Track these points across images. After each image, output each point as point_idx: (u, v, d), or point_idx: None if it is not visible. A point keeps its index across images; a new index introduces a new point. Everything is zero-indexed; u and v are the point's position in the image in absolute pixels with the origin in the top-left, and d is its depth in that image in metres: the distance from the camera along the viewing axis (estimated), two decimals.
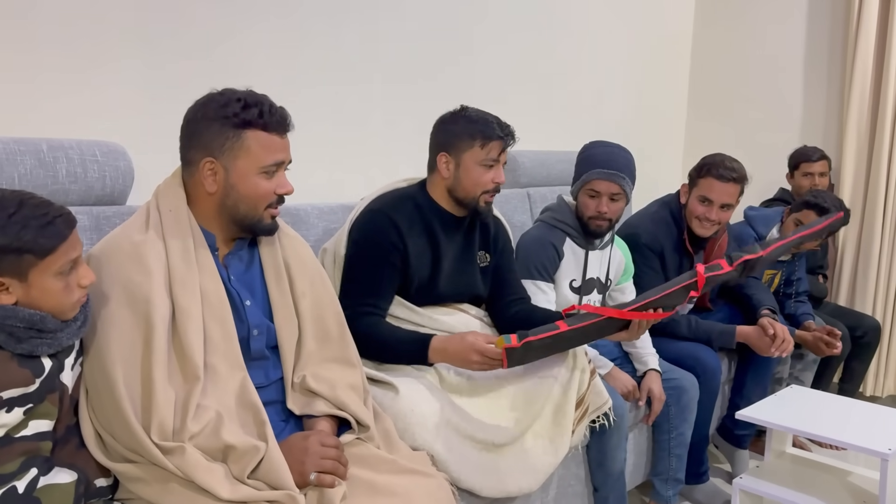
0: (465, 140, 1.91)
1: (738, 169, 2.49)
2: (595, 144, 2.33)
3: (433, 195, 1.99)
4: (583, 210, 2.27)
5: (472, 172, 1.92)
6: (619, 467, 2.14)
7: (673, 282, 1.79)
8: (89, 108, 1.92)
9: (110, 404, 1.29)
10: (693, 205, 2.54)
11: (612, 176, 2.20)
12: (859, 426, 2.12)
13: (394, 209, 1.92)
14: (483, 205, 1.96)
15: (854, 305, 3.54)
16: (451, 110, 1.98)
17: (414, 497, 1.37)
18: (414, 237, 1.91)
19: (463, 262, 2.03)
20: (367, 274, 1.87)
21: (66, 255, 1.20)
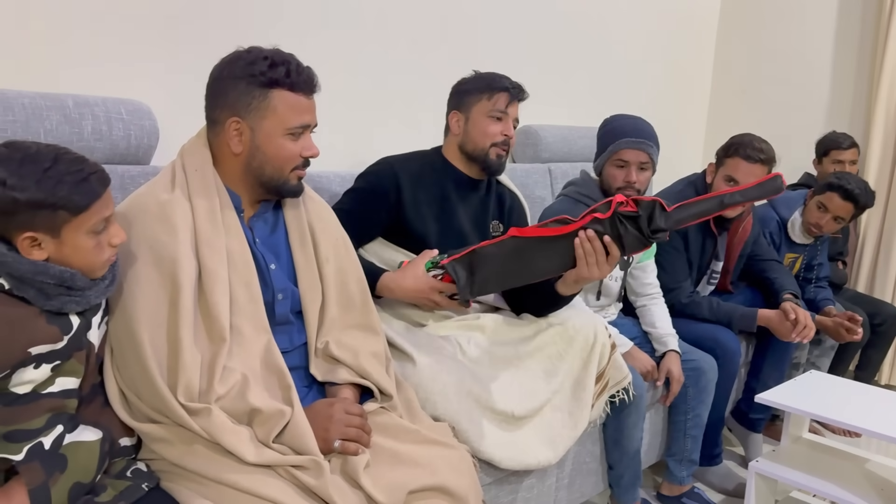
0: (473, 95, 1.96)
1: (766, 150, 2.44)
2: (619, 117, 2.31)
3: (447, 156, 2.02)
4: (610, 181, 2.24)
5: (480, 123, 1.94)
6: (635, 446, 2.13)
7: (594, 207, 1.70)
8: (114, 66, 1.90)
9: (136, 364, 1.28)
10: (719, 186, 2.49)
11: (641, 144, 2.18)
12: (880, 414, 2.10)
13: (400, 162, 1.97)
14: (493, 158, 1.96)
15: (874, 293, 3.51)
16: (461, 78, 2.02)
17: (437, 468, 1.36)
18: (418, 191, 1.93)
19: (475, 225, 2.03)
20: (350, 210, 1.88)
21: (100, 213, 1.18)
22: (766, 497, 2.28)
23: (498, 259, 1.71)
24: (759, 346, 2.68)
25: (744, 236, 2.67)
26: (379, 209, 1.92)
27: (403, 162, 1.97)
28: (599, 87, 3.45)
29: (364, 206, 1.92)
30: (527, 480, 1.88)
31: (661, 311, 2.40)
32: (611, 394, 2.00)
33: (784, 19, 3.87)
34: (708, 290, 2.72)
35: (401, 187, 1.91)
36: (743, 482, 2.49)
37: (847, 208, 2.75)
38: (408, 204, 1.91)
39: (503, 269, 1.71)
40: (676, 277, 2.52)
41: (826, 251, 3.01)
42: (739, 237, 2.66)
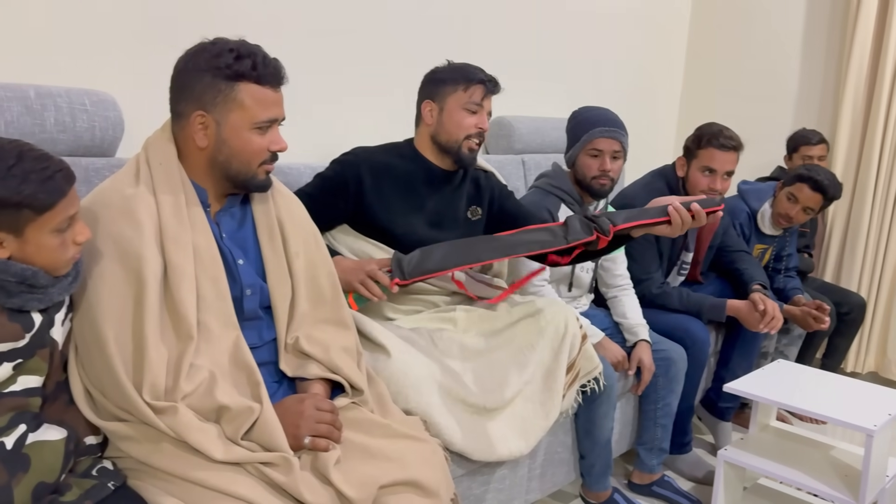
0: (448, 85, 1.94)
1: (735, 137, 2.50)
2: (588, 108, 2.34)
3: (419, 147, 2.01)
4: (585, 171, 2.27)
5: (455, 115, 1.93)
6: (606, 436, 2.15)
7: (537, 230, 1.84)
8: (77, 56, 1.86)
9: (101, 362, 1.26)
10: (696, 177, 2.52)
11: (614, 133, 2.22)
12: (845, 402, 2.14)
13: (368, 153, 1.96)
14: (466, 151, 1.96)
15: (840, 282, 3.57)
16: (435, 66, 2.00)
17: (408, 462, 1.36)
18: (383, 182, 1.92)
19: (446, 216, 2.02)
20: (311, 197, 1.86)
21: (65, 212, 1.16)
22: (735, 484, 2.31)
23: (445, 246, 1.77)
24: (729, 336, 2.72)
25: (713, 227, 2.70)
26: (337, 199, 1.91)
27: (371, 153, 1.96)
28: (572, 78, 3.45)
29: (324, 193, 1.92)
30: (499, 471, 1.89)
31: (632, 301, 2.43)
32: (581, 384, 2.01)
33: (754, 14, 3.90)
34: (678, 280, 2.74)
35: (362, 178, 1.91)
36: (712, 470, 2.53)
37: (816, 199, 2.78)
38: (370, 194, 1.91)
39: (446, 253, 1.77)
40: (647, 268, 2.54)
41: (795, 242, 3.05)
42: (709, 228, 2.68)
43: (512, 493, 1.95)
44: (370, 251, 1.93)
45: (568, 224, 1.81)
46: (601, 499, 2.25)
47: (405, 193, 1.95)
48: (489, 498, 1.87)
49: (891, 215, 3.48)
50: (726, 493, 2.27)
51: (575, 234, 1.80)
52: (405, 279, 1.75)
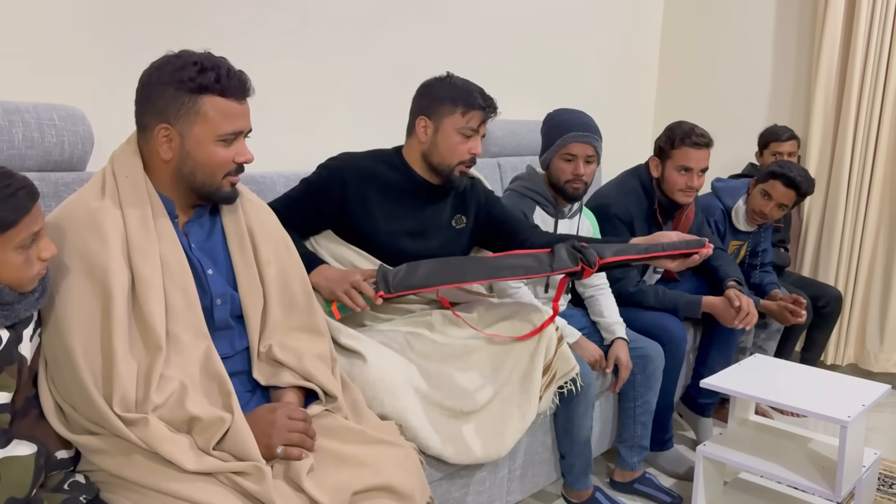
0: (446, 105, 1.91)
1: (706, 134, 2.56)
2: (562, 111, 2.35)
3: (408, 159, 1.99)
4: (559, 175, 2.29)
5: (450, 139, 1.91)
6: (585, 435, 2.16)
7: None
8: (45, 71, 1.85)
9: (70, 376, 1.26)
10: (672, 177, 2.56)
11: (587, 137, 2.24)
12: (820, 394, 2.16)
13: (354, 159, 1.95)
14: (457, 175, 1.96)
15: (817, 276, 3.61)
16: (436, 76, 1.97)
17: (382, 467, 1.37)
18: (367, 190, 1.91)
19: (428, 226, 2.01)
20: (294, 206, 1.89)
21: (28, 229, 1.16)
22: (715, 479, 2.33)
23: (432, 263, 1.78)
24: (706, 333, 2.74)
25: (687, 224, 2.72)
26: (321, 203, 1.91)
27: (357, 159, 1.95)
28: (546, 80, 3.47)
29: (309, 198, 1.92)
30: (478, 474, 1.89)
31: (609, 300, 2.44)
32: (559, 385, 2.02)
33: (726, 13, 3.94)
34: (654, 278, 2.77)
35: (346, 185, 1.90)
36: (693, 465, 2.54)
37: (790, 195, 2.81)
38: (354, 202, 1.90)
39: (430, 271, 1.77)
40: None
41: (770, 237, 3.08)
42: (683, 225, 2.71)
43: (492, 495, 1.96)
44: (352, 258, 1.93)
45: (555, 252, 1.83)
46: (583, 498, 2.26)
47: (389, 202, 1.95)
48: (469, 501, 1.88)
49: (865, 208, 3.52)
50: (706, 488, 2.29)
51: (560, 263, 1.81)
52: (390, 292, 1.75)
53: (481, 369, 1.87)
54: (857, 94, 3.45)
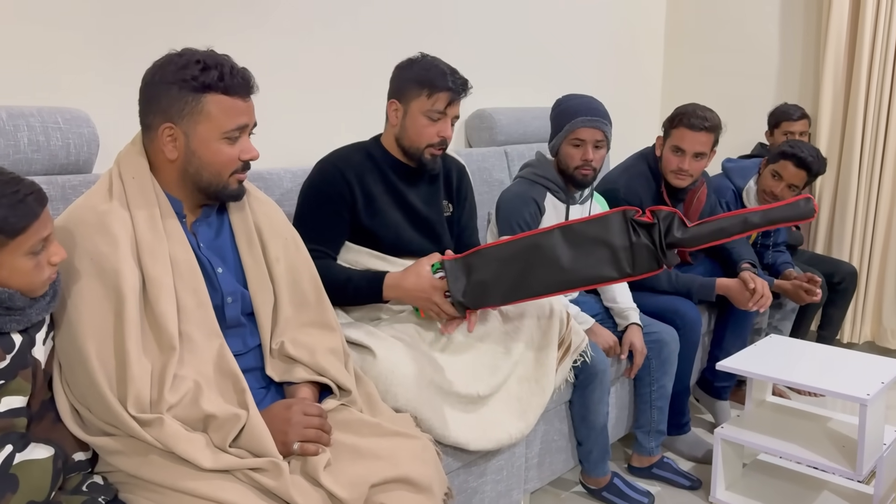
0: (413, 88, 1.88)
1: (710, 118, 2.48)
2: (571, 97, 2.33)
3: (386, 145, 1.98)
4: (567, 161, 2.26)
5: (417, 122, 1.89)
6: (602, 421, 2.16)
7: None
8: (48, 74, 1.85)
9: (84, 378, 1.26)
10: (667, 156, 2.54)
11: (596, 122, 2.21)
12: (838, 373, 2.14)
13: (342, 159, 1.92)
14: (428, 157, 1.93)
15: (831, 253, 3.58)
16: (409, 57, 1.94)
17: (399, 459, 1.37)
18: (367, 186, 1.90)
19: (431, 210, 2.01)
20: (315, 222, 1.86)
21: (38, 234, 1.16)
22: (734, 461, 2.32)
23: (496, 263, 1.67)
24: (720, 316, 2.72)
25: (699, 206, 2.70)
26: (341, 212, 1.87)
27: (343, 158, 1.93)
28: (551, 66, 3.45)
29: (326, 215, 1.87)
30: (495, 463, 1.89)
31: (622, 286, 2.43)
32: (573, 358, 2.02)
33: None
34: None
35: (351, 184, 1.88)
36: (712, 448, 2.53)
37: (801, 176, 2.78)
38: (360, 199, 1.89)
39: (500, 274, 1.67)
40: None
41: None
42: (695, 207, 2.68)
43: (510, 484, 1.95)
44: (365, 261, 1.90)
45: (635, 252, 1.63)
46: (601, 484, 2.26)
47: (390, 193, 1.94)
48: (487, 490, 1.88)
49: (878, 181, 3.48)
50: (725, 470, 2.28)
51: (641, 268, 1.64)
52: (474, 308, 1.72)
53: (493, 352, 1.87)
54: (867, 70, 3.41)
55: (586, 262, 1.64)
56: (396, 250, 1.93)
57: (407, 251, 1.94)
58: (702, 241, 1.64)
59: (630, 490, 2.26)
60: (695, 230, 1.63)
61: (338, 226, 1.88)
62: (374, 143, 1.99)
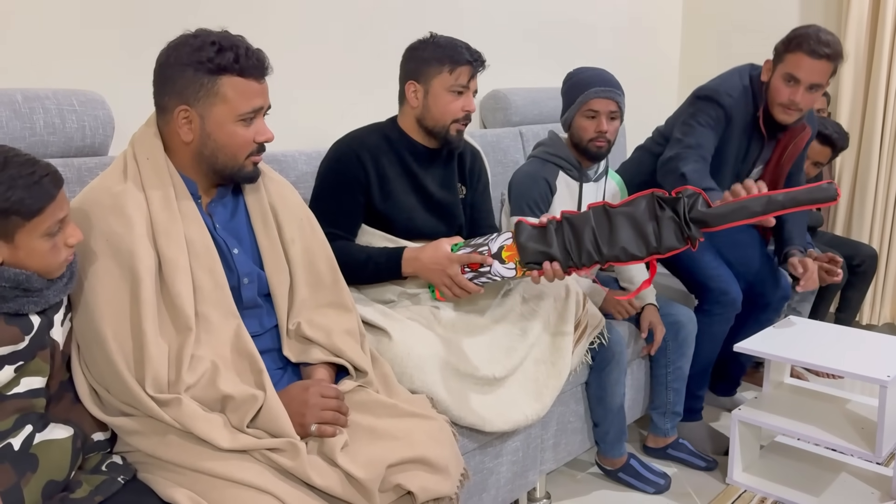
0: (433, 66, 1.88)
1: (832, 44, 2.17)
2: (582, 69, 2.29)
3: (404, 127, 1.97)
4: (581, 133, 2.22)
5: (441, 99, 1.88)
6: (618, 402, 2.15)
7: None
8: (62, 56, 1.85)
9: (102, 359, 1.27)
10: (777, 85, 2.22)
11: (609, 93, 2.18)
12: (857, 354, 2.12)
13: (358, 141, 1.91)
14: (454, 133, 1.93)
15: (851, 234, 3.53)
16: (419, 38, 1.94)
17: (416, 440, 1.37)
18: (382, 169, 1.89)
19: (446, 193, 2.01)
20: (332, 205, 1.85)
21: (54, 216, 1.16)
22: (751, 443, 2.31)
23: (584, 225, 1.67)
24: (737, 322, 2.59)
25: (795, 152, 2.37)
26: (356, 195, 1.87)
27: (359, 140, 1.92)
28: (566, 46, 3.41)
29: (343, 198, 1.86)
30: (511, 444, 1.89)
31: (639, 266, 2.41)
32: (590, 340, 2.02)
33: None
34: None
35: (366, 167, 1.87)
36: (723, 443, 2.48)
37: (825, 152, 2.74)
38: (373, 181, 1.88)
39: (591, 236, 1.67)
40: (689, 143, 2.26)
41: None
42: (790, 153, 2.36)
43: (526, 465, 1.95)
44: (379, 244, 1.90)
45: (661, 226, 1.65)
46: (617, 465, 2.25)
47: (405, 176, 1.93)
48: (503, 471, 1.88)
49: None
50: (743, 452, 2.27)
51: (669, 244, 1.65)
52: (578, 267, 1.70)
53: (509, 334, 1.86)
54: (889, 50, 3.35)
55: (617, 239, 1.66)
56: (409, 233, 1.92)
57: (419, 234, 1.93)
58: (726, 221, 1.63)
59: (646, 471, 2.26)
60: (718, 209, 1.63)
61: (353, 208, 1.88)
62: (391, 125, 1.98)
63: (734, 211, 1.63)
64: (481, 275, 1.76)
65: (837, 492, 2.17)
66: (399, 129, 1.96)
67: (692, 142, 2.24)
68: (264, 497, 1.19)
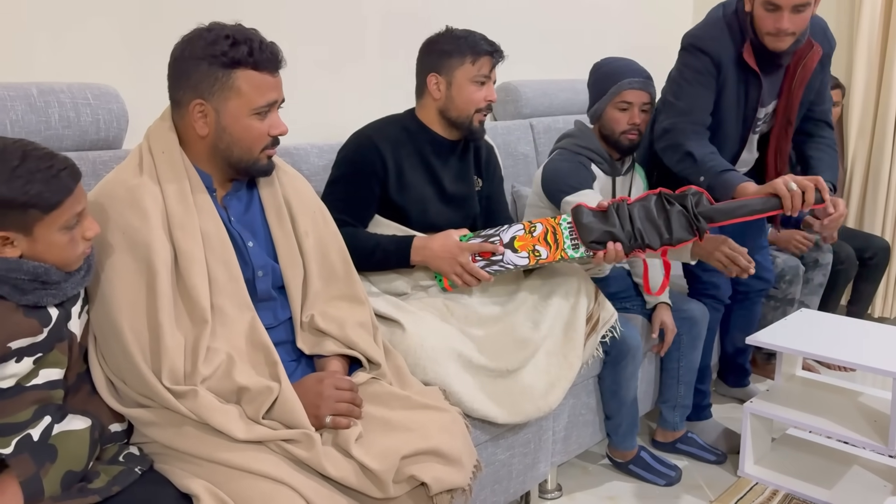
0: (454, 58, 1.90)
1: None
2: (612, 59, 2.24)
3: (424, 120, 1.97)
4: (613, 126, 2.17)
5: (465, 90, 1.90)
6: (632, 395, 2.16)
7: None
8: (77, 50, 1.86)
9: (119, 351, 1.28)
10: (759, 14, 2.03)
11: (643, 84, 2.15)
12: (870, 347, 2.12)
13: (377, 132, 1.92)
14: (476, 124, 1.94)
15: (863, 227, 3.51)
16: (436, 32, 1.96)
17: (429, 431, 1.37)
18: (400, 160, 1.90)
19: (461, 185, 2.01)
20: (346, 193, 1.86)
21: (72, 209, 1.17)
22: (763, 436, 2.31)
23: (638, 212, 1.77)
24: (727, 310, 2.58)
25: (806, 74, 2.17)
26: (372, 186, 1.88)
27: (379, 131, 1.92)
28: (577, 39, 3.39)
29: (358, 188, 1.87)
30: (523, 436, 1.90)
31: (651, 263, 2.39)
32: (602, 334, 2.02)
33: None
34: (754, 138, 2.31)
35: (385, 158, 1.88)
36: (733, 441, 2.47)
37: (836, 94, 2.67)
38: (391, 173, 1.89)
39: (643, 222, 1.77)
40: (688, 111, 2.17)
41: None
42: (800, 77, 2.17)
43: (537, 457, 1.96)
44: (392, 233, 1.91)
45: (672, 222, 1.75)
46: (628, 457, 2.26)
47: (422, 168, 1.94)
48: (515, 463, 1.89)
49: None
50: (754, 445, 2.27)
51: (680, 235, 1.75)
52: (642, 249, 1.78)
53: (522, 328, 1.87)
54: None
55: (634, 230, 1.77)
56: (422, 224, 1.93)
57: (432, 226, 1.93)
58: (730, 216, 1.75)
59: (657, 463, 2.26)
60: (721, 206, 1.76)
61: (368, 199, 1.88)
62: (410, 117, 1.99)
63: (738, 208, 1.77)
64: (493, 263, 1.80)
65: (849, 485, 2.16)
66: (418, 121, 1.97)
67: (684, 106, 2.16)
68: (280, 487, 1.21)
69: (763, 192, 1.85)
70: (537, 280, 1.96)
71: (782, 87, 2.22)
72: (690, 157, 2.09)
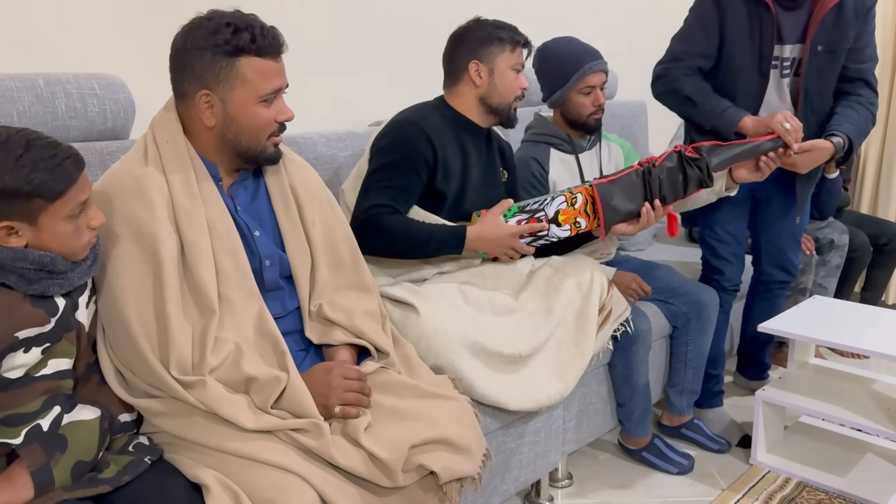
0: (495, 45, 1.92)
1: None
2: (561, 44, 2.23)
3: (458, 107, 1.96)
4: (580, 111, 2.21)
5: (507, 77, 1.93)
6: (644, 380, 2.15)
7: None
8: (83, 40, 1.86)
9: (126, 342, 1.28)
10: None
11: (602, 65, 2.20)
12: (884, 334, 2.09)
13: (423, 118, 1.89)
14: (513, 112, 1.97)
15: (877, 213, 3.49)
16: (469, 22, 1.96)
17: (438, 420, 1.37)
18: (444, 148, 1.88)
19: (489, 174, 2.02)
20: (393, 180, 1.82)
21: (76, 198, 1.17)
22: (775, 424, 2.30)
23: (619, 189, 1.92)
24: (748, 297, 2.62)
25: (822, 12, 2.04)
26: (420, 173, 1.84)
27: (425, 118, 1.88)
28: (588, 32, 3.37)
29: (407, 175, 1.83)
30: (533, 424, 1.89)
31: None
32: (614, 327, 2.01)
33: None
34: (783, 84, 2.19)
35: (434, 147, 1.85)
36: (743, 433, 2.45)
37: None
38: (439, 162, 1.87)
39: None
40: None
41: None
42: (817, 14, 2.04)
43: (548, 446, 1.95)
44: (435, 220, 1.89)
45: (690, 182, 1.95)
46: (641, 444, 2.25)
47: (461, 156, 1.93)
48: (525, 451, 1.88)
49: None
50: (767, 432, 2.26)
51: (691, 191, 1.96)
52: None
53: (535, 314, 1.86)
54: None
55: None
56: (455, 214, 1.92)
57: (462, 215, 1.93)
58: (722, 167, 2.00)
59: (670, 451, 2.25)
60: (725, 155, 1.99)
61: (415, 186, 1.85)
62: (443, 105, 1.97)
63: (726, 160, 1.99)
64: (538, 238, 1.89)
65: (863, 472, 2.15)
66: (452, 109, 1.96)
67: (678, 50, 2.24)
68: (289, 477, 1.20)
69: (761, 126, 2.06)
70: (550, 269, 1.96)
71: (808, 27, 2.10)
72: (690, 102, 2.21)
